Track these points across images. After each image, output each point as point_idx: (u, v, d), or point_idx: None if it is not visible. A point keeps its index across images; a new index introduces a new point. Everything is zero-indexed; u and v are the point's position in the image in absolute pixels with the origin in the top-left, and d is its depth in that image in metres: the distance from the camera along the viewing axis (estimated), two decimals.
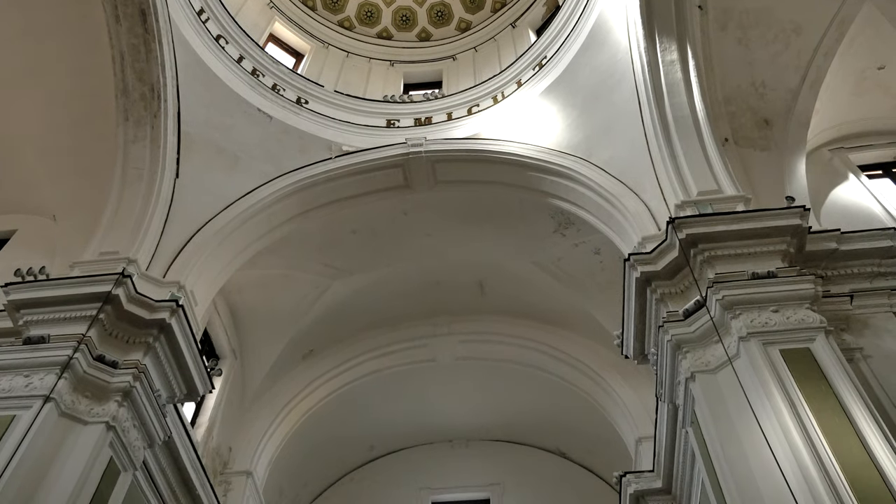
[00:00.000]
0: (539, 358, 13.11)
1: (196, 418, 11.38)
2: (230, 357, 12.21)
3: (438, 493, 14.52)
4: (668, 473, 9.64)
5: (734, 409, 6.76)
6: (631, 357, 8.92)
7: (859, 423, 6.13)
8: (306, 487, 14.33)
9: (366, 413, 14.03)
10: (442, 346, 13.53)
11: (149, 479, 8.94)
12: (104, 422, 7.54)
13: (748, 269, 7.60)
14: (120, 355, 8.12)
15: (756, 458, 6.27)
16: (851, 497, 5.54)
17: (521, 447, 14.90)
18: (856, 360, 7.13)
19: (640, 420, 11.25)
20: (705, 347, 7.43)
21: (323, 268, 12.36)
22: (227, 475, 11.54)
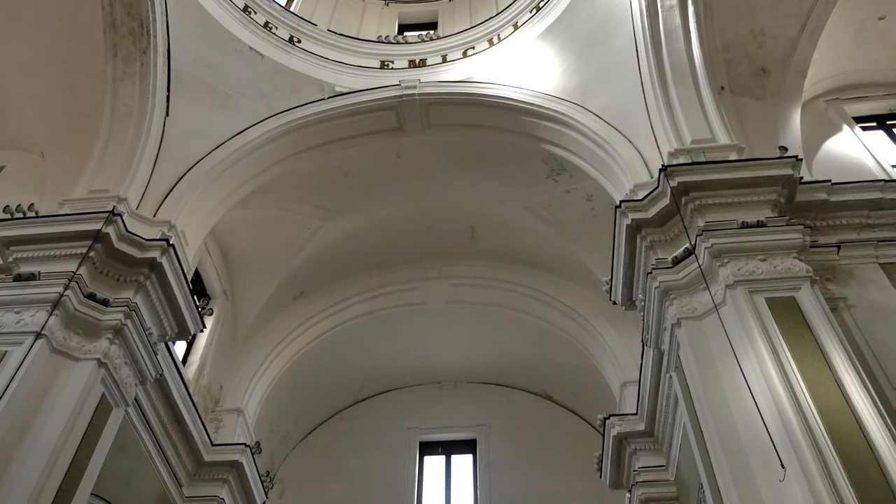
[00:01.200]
0: (528, 303, 13.24)
1: (187, 357, 11.49)
2: (221, 297, 12.27)
3: (427, 433, 14.81)
4: (650, 416, 9.87)
5: (718, 355, 6.89)
6: (619, 303, 9.02)
7: (839, 370, 6.26)
8: (297, 426, 14.58)
9: (356, 354, 14.20)
10: (432, 290, 13.63)
11: (141, 416, 9.10)
12: (95, 359, 7.62)
13: (738, 218, 7.66)
14: (111, 293, 8.16)
15: (737, 402, 6.43)
16: (827, 440, 5.70)
17: (508, 390, 15.16)
18: (839, 310, 7.26)
19: (625, 365, 11.43)
20: (692, 294, 7.53)
21: (314, 209, 12.34)
22: (218, 413, 11.71)
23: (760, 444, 6.05)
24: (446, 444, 14.78)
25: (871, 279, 7.61)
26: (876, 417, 5.89)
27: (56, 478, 6.88)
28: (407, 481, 14.05)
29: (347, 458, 14.42)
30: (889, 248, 7.90)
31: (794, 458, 5.65)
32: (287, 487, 14.09)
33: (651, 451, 10.24)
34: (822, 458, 5.59)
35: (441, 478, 14.38)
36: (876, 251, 7.85)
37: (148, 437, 9.36)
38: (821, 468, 5.53)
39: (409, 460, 14.39)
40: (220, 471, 10.66)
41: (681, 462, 9.37)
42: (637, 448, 10.31)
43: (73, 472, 7.14)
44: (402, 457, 14.40)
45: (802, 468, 5.57)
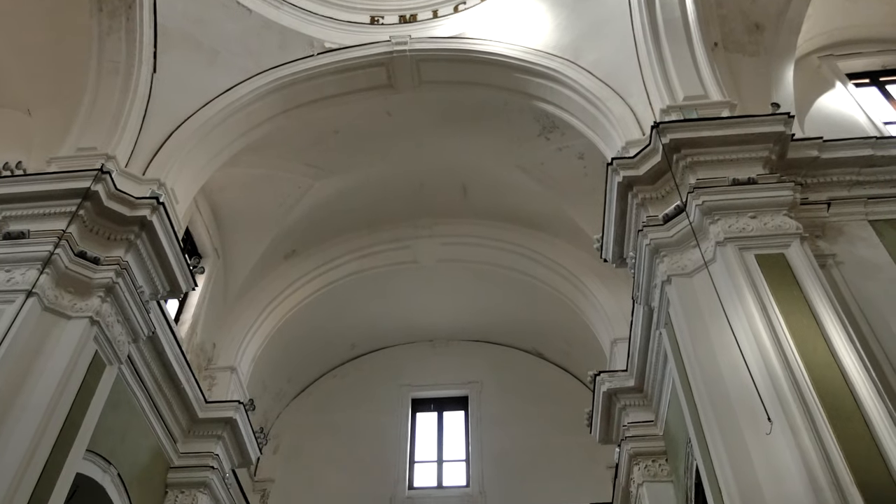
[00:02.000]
0: (520, 261, 13.28)
1: (180, 315, 11.51)
2: (213, 256, 12.25)
3: (419, 391, 14.97)
4: (640, 373, 10.00)
5: (707, 312, 6.96)
6: (610, 261, 9.07)
7: (826, 326, 6.35)
8: (289, 383, 14.70)
9: (348, 312, 14.26)
10: (424, 248, 13.64)
11: (134, 373, 9.15)
12: (88, 317, 7.63)
13: (729, 175, 7.68)
14: (101, 251, 8.14)
15: (725, 358, 6.51)
16: (813, 394, 5.80)
17: (499, 347, 15.30)
18: (828, 267, 7.33)
19: (615, 322, 11.53)
20: (683, 252, 7.57)
21: (305, 168, 12.26)
22: (211, 370, 11.78)
23: (748, 399, 6.14)
24: (438, 400, 14.95)
25: (861, 236, 7.66)
26: (861, 372, 5.99)
27: (51, 434, 6.94)
28: (400, 437, 14.24)
29: (340, 414, 14.58)
30: (879, 205, 7.95)
31: (781, 412, 5.75)
32: (281, 443, 14.26)
33: (640, 407, 10.40)
34: (808, 411, 5.70)
35: (433, 434, 14.59)
36: (866, 208, 7.90)
37: (142, 394, 9.43)
38: (806, 421, 5.63)
39: (402, 417, 14.56)
40: (215, 427, 10.76)
41: (669, 417, 9.52)
42: (626, 404, 10.46)
43: (68, 429, 7.20)
44: (394, 413, 14.56)
45: (788, 421, 5.68)
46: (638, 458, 10.13)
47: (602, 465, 12.71)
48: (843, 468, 5.37)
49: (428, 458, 14.24)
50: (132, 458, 9.27)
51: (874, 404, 5.75)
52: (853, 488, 5.26)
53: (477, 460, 13.80)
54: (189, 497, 10.22)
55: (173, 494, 10.20)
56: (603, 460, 12.66)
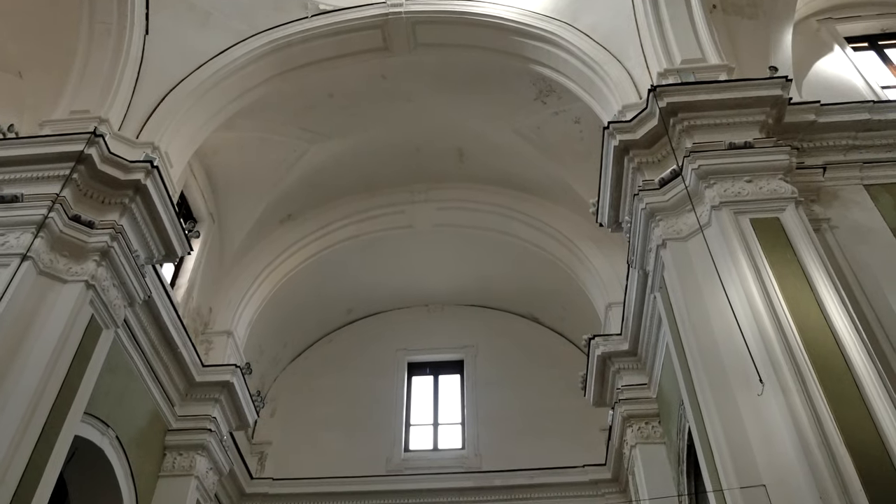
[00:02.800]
0: (516, 226, 13.28)
1: (175, 280, 11.52)
2: (208, 220, 12.22)
3: (414, 355, 15.07)
4: (634, 337, 10.08)
5: (701, 275, 6.99)
6: (605, 225, 9.08)
7: (819, 289, 6.39)
8: (286, 348, 14.78)
9: (344, 277, 14.28)
10: (419, 213, 13.63)
11: (131, 337, 9.20)
12: (83, 280, 7.64)
13: (725, 140, 7.66)
14: (96, 215, 8.12)
15: (719, 321, 6.56)
16: (805, 357, 5.86)
17: (495, 312, 15.37)
18: (822, 231, 7.35)
19: (610, 287, 11.59)
20: (678, 216, 7.58)
21: (300, 132, 12.18)
22: (207, 335, 11.83)
23: (740, 361, 6.20)
24: (434, 364, 15.06)
25: (855, 200, 7.68)
26: (853, 334, 6.04)
27: (49, 397, 7.00)
28: (395, 400, 14.37)
29: (337, 378, 14.68)
30: (874, 169, 7.95)
31: (773, 374, 5.81)
32: (278, 407, 14.37)
33: (634, 370, 10.51)
34: (800, 373, 5.76)
35: (429, 397, 14.72)
36: (861, 172, 7.90)
37: (139, 358, 9.48)
38: (798, 383, 5.70)
39: (398, 380, 14.67)
40: (212, 391, 10.85)
41: (662, 380, 9.61)
42: (620, 367, 10.57)
43: (65, 392, 7.25)
44: (390, 377, 14.67)
45: (780, 383, 5.74)
46: (631, 421, 10.27)
47: (596, 427, 12.86)
48: (832, 429, 5.45)
49: (424, 422, 14.38)
50: (130, 421, 9.35)
51: (865, 367, 5.81)
52: (842, 448, 5.34)
53: (472, 423, 13.95)
54: (187, 459, 10.34)
55: (171, 457, 10.31)
56: (597, 423, 12.81)
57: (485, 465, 13.17)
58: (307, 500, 12.82)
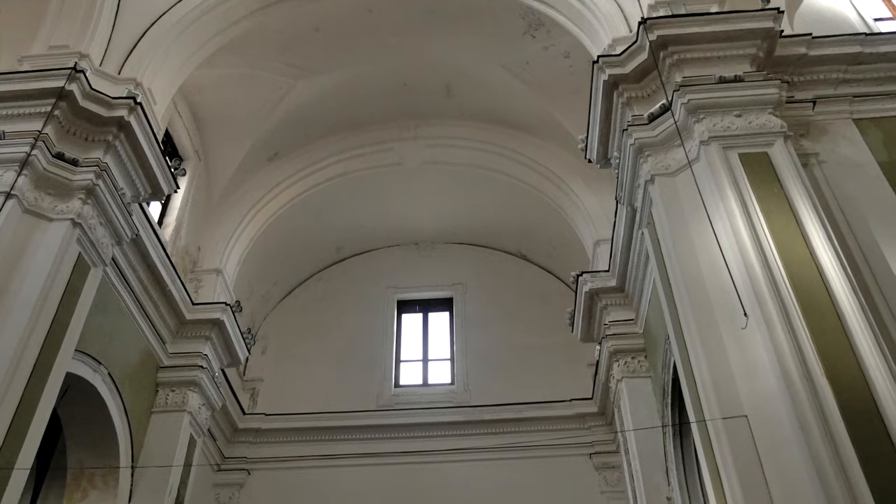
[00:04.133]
0: (504, 163, 13.21)
1: (163, 219, 11.45)
2: (194, 158, 12.09)
3: (404, 292, 15.15)
4: (622, 273, 10.16)
5: (689, 211, 7.01)
6: (594, 161, 9.03)
7: (806, 224, 6.44)
8: (276, 286, 14.82)
9: (333, 215, 14.24)
10: (408, 151, 13.52)
11: (120, 276, 9.20)
12: (69, 219, 7.61)
13: (716, 73, 7.59)
14: (80, 153, 8.02)
15: (705, 256, 6.61)
16: (789, 290, 5.93)
17: (484, 250, 15.42)
18: (810, 166, 7.35)
19: (599, 223, 11.61)
20: (667, 151, 7.55)
21: (285, 67, 11.94)
22: (197, 273, 11.83)
23: (726, 296, 6.27)
24: (423, 302, 15.16)
25: (844, 135, 7.66)
26: (837, 269, 6.11)
27: (39, 334, 7.04)
28: (386, 338, 14.51)
29: (327, 316, 14.78)
30: (864, 103, 7.91)
31: (757, 307, 5.89)
32: (269, 344, 14.49)
33: (621, 306, 10.63)
34: (784, 306, 5.85)
35: (419, 334, 14.86)
36: (851, 107, 7.86)
37: (128, 296, 9.50)
38: (781, 316, 5.79)
39: (388, 318, 14.79)
40: (203, 328, 10.91)
41: (649, 316, 9.73)
42: (608, 303, 10.68)
43: (55, 329, 7.29)
44: (380, 315, 14.78)
45: (764, 316, 5.83)
46: (618, 356, 10.43)
47: (583, 363, 13.07)
48: (814, 361, 5.56)
49: (414, 358, 14.55)
50: (122, 358, 9.43)
51: (848, 300, 5.89)
52: (824, 380, 5.46)
53: (461, 359, 14.14)
54: (180, 395, 10.46)
55: (164, 393, 10.43)
56: (584, 359, 13.02)
57: (474, 400, 13.39)
58: (299, 434, 13.05)
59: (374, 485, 12.46)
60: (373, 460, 12.71)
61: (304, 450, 12.90)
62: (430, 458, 12.48)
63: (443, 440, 12.70)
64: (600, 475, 12.21)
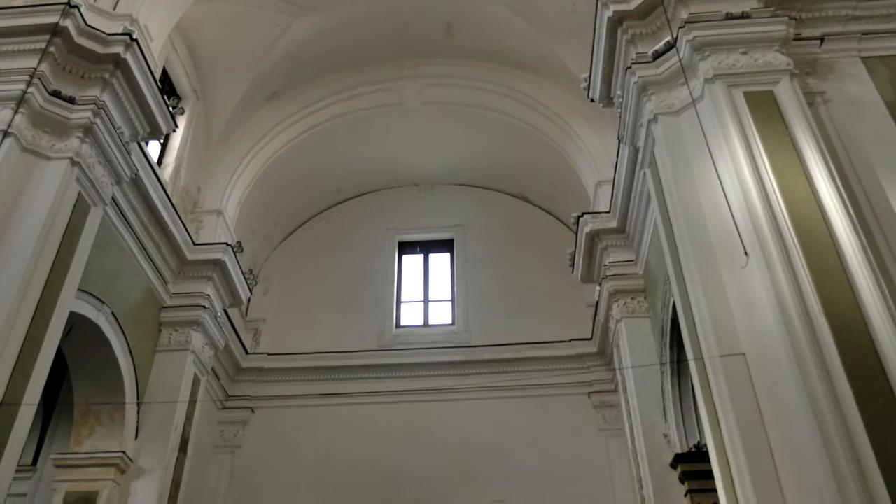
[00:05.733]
0: (506, 103, 13.05)
1: (162, 159, 11.37)
2: (192, 97, 11.94)
3: (405, 234, 15.17)
4: (623, 214, 10.14)
5: (692, 150, 6.95)
6: (597, 100, 8.92)
7: (809, 164, 6.38)
8: (277, 227, 14.83)
9: (333, 156, 14.15)
10: (408, 90, 13.34)
11: (121, 216, 9.21)
12: (68, 157, 7.55)
13: (722, 10, 7.43)
14: (76, 91, 7.91)
15: (707, 195, 6.58)
16: (790, 229, 5.92)
17: (484, 191, 15.37)
18: (816, 105, 7.24)
19: (600, 164, 11.54)
20: (671, 90, 7.45)
21: (283, 4, 11.68)
22: (197, 214, 11.82)
23: (727, 235, 6.27)
24: (424, 243, 15.19)
25: (851, 73, 7.53)
26: (840, 209, 6.08)
27: (42, 272, 7.07)
28: (387, 278, 14.58)
29: (328, 257, 14.83)
30: (872, 41, 7.74)
31: (758, 246, 5.90)
32: (271, 285, 14.58)
33: (622, 247, 10.65)
34: (784, 246, 5.85)
35: (420, 275, 14.93)
36: (859, 44, 7.70)
37: (130, 236, 9.52)
38: (782, 255, 5.79)
39: (389, 259, 14.84)
40: (204, 269, 10.96)
41: (649, 256, 9.75)
42: (608, 244, 10.70)
43: (57, 268, 7.31)
44: (381, 256, 14.83)
45: (764, 255, 5.83)
46: (617, 296, 10.49)
47: (582, 304, 13.16)
48: (813, 299, 5.58)
49: (414, 299, 14.64)
50: (124, 297, 9.49)
51: (849, 239, 5.88)
52: (822, 318, 5.49)
53: (462, 300, 14.22)
54: (183, 335, 10.57)
55: (167, 332, 10.54)
56: (583, 300, 13.10)
57: (474, 340, 13.53)
58: (301, 373, 13.23)
59: (375, 422, 12.69)
60: (374, 399, 12.92)
61: (306, 388, 13.10)
62: (430, 396, 12.68)
63: (443, 379, 12.87)
64: (599, 413, 12.41)
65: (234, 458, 12.60)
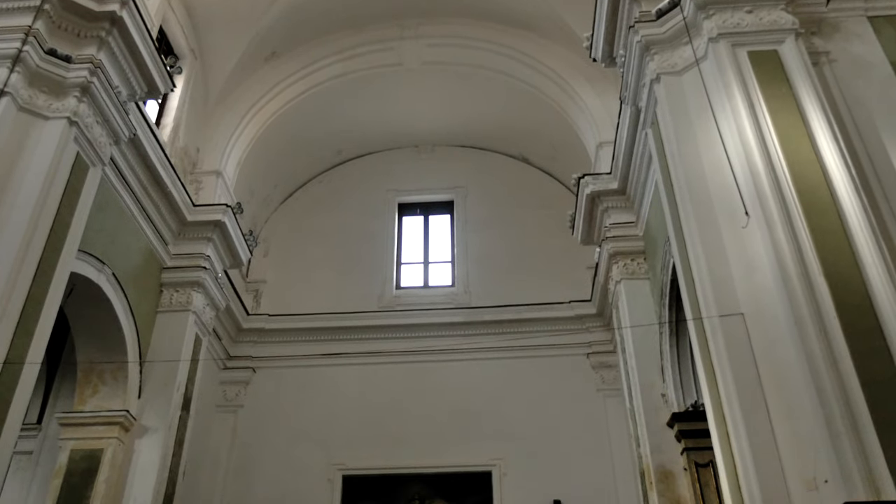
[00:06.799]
0: (507, 63, 12.91)
1: (160, 119, 11.29)
2: (190, 57, 11.80)
3: (405, 195, 15.13)
4: (624, 175, 10.11)
5: (694, 110, 6.92)
6: (599, 60, 8.85)
7: (812, 124, 6.35)
8: (276, 188, 14.78)
9: (332, 117, 14.05)
10: (408, 50, 13.19)
11: (120, 177, 9.19)
12: (65, 117, 7.51)
13: None
14: (72, 50, 7.83)
15: (709, 156, 6.56)
16: (792, 190, 5.91)
17: (485, 153, 15.28)
18: (821, 65, 7.18)
19: (602, 125, 11.46)
20: (674, 49, 7.39)
21: None
22: (196, 175, 11.77)
23: (728, 196, 6.27)
24: (424, 205, 15.16)
25: (857, 33, 7.44)
26: (842, 170, 6.06)
27: (42, 233, 7.07)
28: (387, 240, 14.58)
29: (328, 219, 14.80)
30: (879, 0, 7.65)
31: (759, 206, 5.89)
32: (271, 247, 14.58)
33: (622, 209, 10.63)
34: (785, 206, 5.84)
35: (419, 236, 14.93)
36: (866, 3, 7.60)
37: (129, 197, 9.50)
38: (783, 215, 5.79)
39: (389, 220, 14.82)
40: (204, 230, 10.96)
41: (650, 217, 9.74)
42: (609, 206, 10.68)
43: (57, 228, 7.31)
44: (381, 217, 14.80)
45: (765, 215, 5.83)
46: (617, 258, 10.50)
47: (582, 265, 13.18)
48: (813, 260, 5.59)
49: (414, 260, 14.66)
50: (125, 258, 9.50)
51: (850, 200, 5.87)
52: (821, 278, 5.50)
53: (462, 262, 14.24)
54: (184, 296, 10.60)
55: (168, 293, 10.57)
56: (583, 262, 13.12)
57: (474, 302, 13.57)
58: (302, 334, 13.30)
59: (374, 383, 12.79)
60: (374, 359, 13.00)
61: (307, 349, 13.18)
62: (430, 357, 12.75)
63: (443, 339, 12.94)
64: (597, 374, 12.51)
65: (236, 418, 12.73)
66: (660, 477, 8.85)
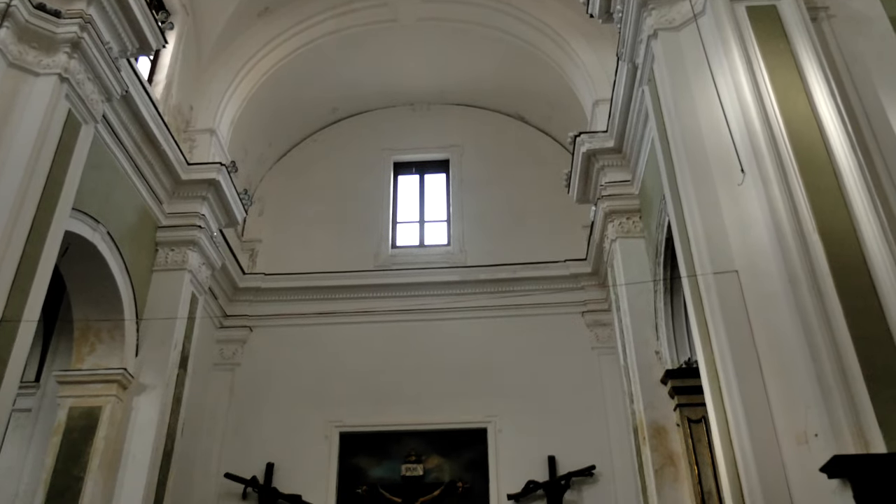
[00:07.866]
0: (503, 20, 12.73)
1: (153, 77, 11.16)
2: (181, 12, 11.61)
3: (400, 154, 15.04)
4: (620, 133, 10.07)
5: (692, 67, 6.86)
6: (596, 16, 8.74)
7: (810, 80, 6.30)
8: (271, 147, 14.67)
9: (326, 75, 13.89)
10: (403, 6, 12.98)
11: (113, 135, 9.12)
12: (56, 73, 7.45)
13: None
14: (62, 5, 7.71)
15: (705, 113, 6.53)
16: (788, 147, 5.89)
17: (481, 111, 15.16)
18: (819, 20, 7.08)
19: (598, 83, 11.36)
20: (671, 4, 7.31)
21: None
22: (190, 133, 11.67)
23: (724, 153, 6.26)
24: (420, 164, 15.08)
25: None
26: (839, 127, 6.03)
27: (35, 191, 7.05)
28: (382, 199, 14.54)
29: (323, 178, 14.73)
30: None
31: (754, 164, 5.88)
32: (266, 206, 14.53)
33: (618, 167, 10.61)
34: (781, 163, 5.83)
35: (415, 195, 14.89)
36: None
37: (122, 155, 9.44)
38: (778, 173, 5.77)
39: (384, 179, 14.75)
40: (199, 189, 10.91)
41: (646, 176, 9.73)
42: (605, 164, 10.66)
43: (51, 187, 7.28)
44: (376, 176, 14.74)
45: (761, 172, 5.82)
46: (613, 216, 10.51)
47: (578, 224, 13.19)
48: (808, 217, 5.59)
49: (410, 219, 14.65)
50: (119, 217, 9.48)
51: (846, 158, 5.85)
52: (815, 236, 5.51)
53: (458, 221, 14.22)
54: (179, 254, 10.60)
55: (164, 252, 10.57)
56: (579, 221, 13.13)
57: (470, 261, 13.59)
58: (298, 293, 13.33)
59: (371, 341, 12.86)
60: (370, 318, 13.06)
61: (303, 308, 13.22)
62: (426, 315, 12.81)
63: (439, 298, 12.97)
64: (592, 332, 12.59)
65: (233, 376, 12.82)
66: (653, 433, 8.98)
